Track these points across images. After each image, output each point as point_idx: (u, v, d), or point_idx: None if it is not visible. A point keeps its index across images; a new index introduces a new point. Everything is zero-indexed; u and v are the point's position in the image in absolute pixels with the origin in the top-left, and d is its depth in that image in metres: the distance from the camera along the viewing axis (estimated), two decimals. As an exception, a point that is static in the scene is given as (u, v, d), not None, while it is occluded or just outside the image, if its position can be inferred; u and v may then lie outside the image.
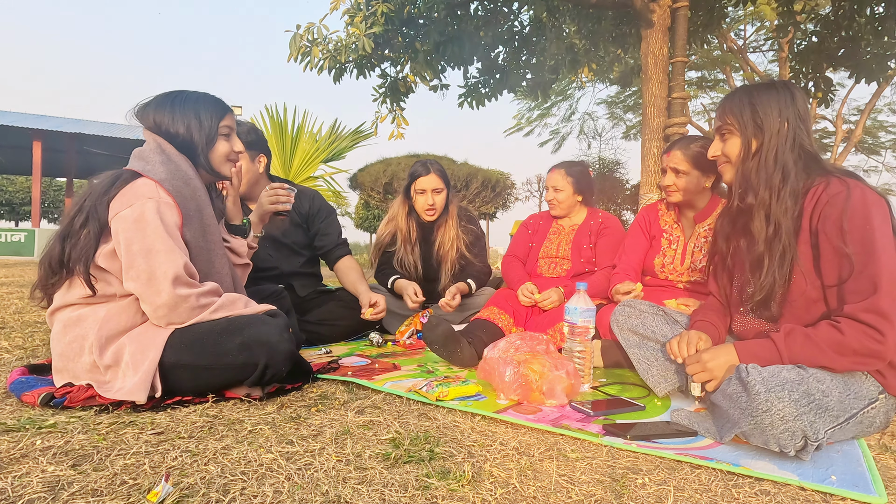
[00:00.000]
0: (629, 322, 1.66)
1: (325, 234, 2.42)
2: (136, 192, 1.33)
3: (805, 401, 1.07)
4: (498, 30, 4.93)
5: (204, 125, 1.49)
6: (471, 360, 1.89)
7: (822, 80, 4.72)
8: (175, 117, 1.45)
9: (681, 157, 1.93)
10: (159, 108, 1.47)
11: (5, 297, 3.41)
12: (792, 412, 1.05)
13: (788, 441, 1.05)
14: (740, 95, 1.36)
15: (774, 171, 1.29)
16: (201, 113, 1.49)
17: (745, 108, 1.33)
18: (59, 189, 28.09)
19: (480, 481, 0.96)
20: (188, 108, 1.48)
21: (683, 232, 2.02)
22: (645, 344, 1.61)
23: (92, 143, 12.58)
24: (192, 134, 1.47)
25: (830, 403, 1.11)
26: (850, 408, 1.15)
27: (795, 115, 1.30)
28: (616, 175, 13.10)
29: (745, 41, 11.70)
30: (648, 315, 1.65)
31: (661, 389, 1.53)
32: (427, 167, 2.53)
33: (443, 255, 2.59)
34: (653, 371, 1.57)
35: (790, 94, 1.31)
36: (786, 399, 1.05)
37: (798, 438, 1.05)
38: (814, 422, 1.06)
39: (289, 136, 8.62)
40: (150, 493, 0.85)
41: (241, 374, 1.37)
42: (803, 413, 1.05)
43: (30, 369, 1.50)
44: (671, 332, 1.58)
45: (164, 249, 1.31)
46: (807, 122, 1.31)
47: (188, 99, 1.49)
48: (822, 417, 1.08)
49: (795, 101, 1.30)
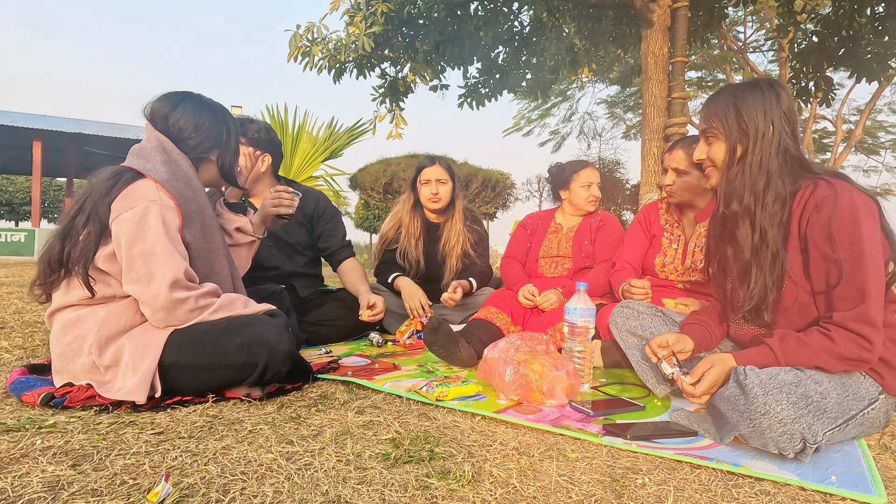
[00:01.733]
0: (628, 323, 1.65)
1: (329, 237, 2.43)
2: (138, 195, 1.33)
3: (803, 403, 1.07)
4: (498, 30, 4.93)
5: (232, 135, 1.57)
6: (470, 359, 1.89)
7: (822, 79, 4.72)
8: (200, 122, 1.49)
9: (682, 157, 1.93)
10: (180, 107, 1.48)
11: (5, 297, 3.41)
12: (790, 415, 1.04)
13: (787, 444, 1.05)
14: (725, 97, 1.32)
15: (759, 177, 1.26)
16: (230, 123, 1.57)
17: (729, 111, 1.30)
18: (59, 189, 28.09)
19: (480, 481, 0.96)
20: (217, 116, 1.54)
21: (684, 231, 2.02)
22: (644, 346, 1.59)
23: (92, 143, 12.59)
24: (218, 140, 1.54)
25: (829, 405, 1.11)
26: (848, 409, 1.15)
27: (781, 117, 1.27)
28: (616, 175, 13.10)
29: (745, 41, 11.70)
30: (647, 316, 1.64)
31: (661, 391, 1.53)
32: (433, 159, 2.61)
33: (448, 250, 2.60)
34: (651, 373, 1.57)
35: (775, 94, 1.27)
36: (784, 402, 1.05)
37: (797, 441, 1.05)
38: (812, 424, 1.06)
39: (289, 136, 8.61)
40: (150, 493, 0.85)
41: (240, 374, 1.37)
42: (801, 416, 1.05)
43: (30, 369, 1.50)
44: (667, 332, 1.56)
45: (163, 253, 1.31)
46: (793, 124, 1.28)
47: (215, 107, 1.56)
48: (821, 420, 1.08)
49: (781, 101, 1.27)
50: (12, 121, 11.69)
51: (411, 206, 2.64)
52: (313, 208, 2.40)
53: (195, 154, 1.49)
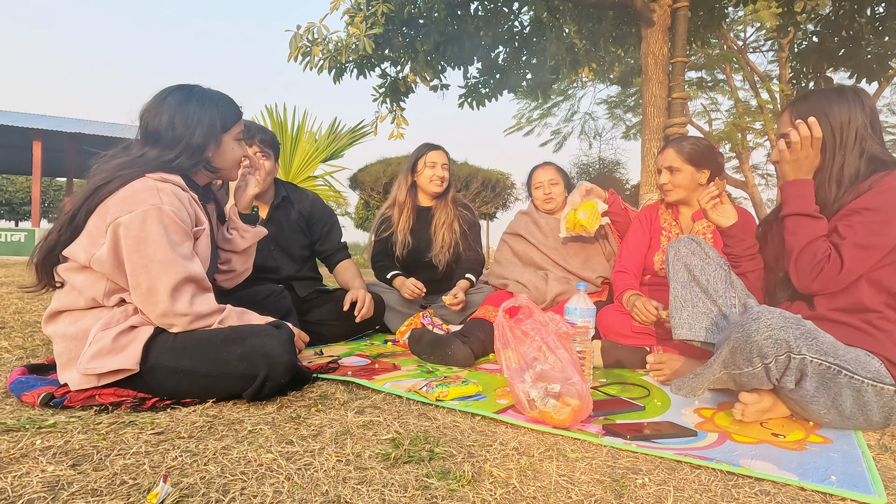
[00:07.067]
0: (690, 259, 1.55)
1: (326, 240, 2.47)
2: (138, 198, 1.29)
3: (794, 321, 1.12)
4: (498, 30, 4.93)
5: (213, 127, 1.45)
6: (466, 359, 1.89)
7: (822, 80, 4.72)
8: (175, 119, 1.40)
9: (674, 155, 1.97)
10: (153, 107, 1.43)
11: (5, 297, 3.41)
12: (779, 322, 1.10)
13: (770, 349, 1.09)
14: (812, 103, 1.36)
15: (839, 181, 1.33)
16: (215, 113, 1.46)
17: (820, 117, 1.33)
18: (59, 189, 28.09)
19: (480, 481, 0.96)
20: (197, 109, 1.43)
21: (682, 230, 2.05)
22: (691, 286, 1.53)
23: (92, 143, 12.57)
24: (193, 136, 1.42)
25: (823, 340, 1.15)
26: (844, 360, 1.17)
27: (865, 125, 1.31)
28: (616, 175, 13.10)
29: (745, 41, 11.70)
30: (712, 262, 1.54)
31: (682, 334, 1.50)
32: (436, 145, 2.72)
33: (437, 226, 2.67)
34: (683, 314, 1.51)
35: (860, 101, 1.32)
36: (776, 313, 1.12)
37: (781, 349, 1.08)
38: (798, 338, 1.10)
39: (289, 136, 8.59)
40: (149, 493, 0.85)
41: (239, 385, 1.34)
42: (790, 327, 1.10)
43: (30, 369, 1.50)
44: (723, 291, 1.50)
45: (163, 261, 1.28)
46: (877, 128, 1.33)
47: (190, 98, 1.44)
48: (809, 342, 1.12)
49: (865, 108, 1.32)
50: (12, 121, 11.69)
51: (407, 189, 2.70)
52: (310, 209, 2.43)
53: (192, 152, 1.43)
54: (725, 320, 1.45)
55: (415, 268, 2.69)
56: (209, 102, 1.46)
